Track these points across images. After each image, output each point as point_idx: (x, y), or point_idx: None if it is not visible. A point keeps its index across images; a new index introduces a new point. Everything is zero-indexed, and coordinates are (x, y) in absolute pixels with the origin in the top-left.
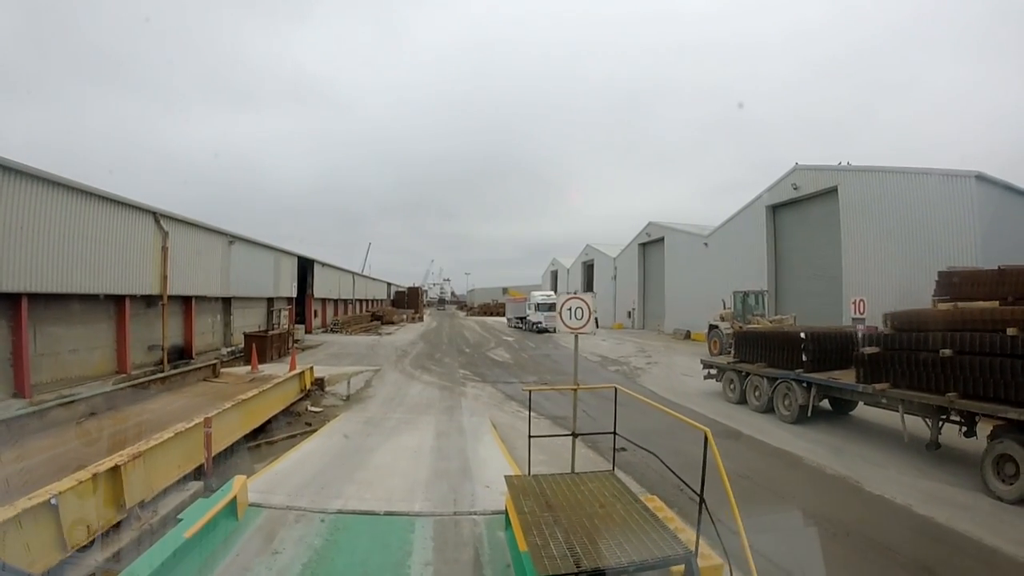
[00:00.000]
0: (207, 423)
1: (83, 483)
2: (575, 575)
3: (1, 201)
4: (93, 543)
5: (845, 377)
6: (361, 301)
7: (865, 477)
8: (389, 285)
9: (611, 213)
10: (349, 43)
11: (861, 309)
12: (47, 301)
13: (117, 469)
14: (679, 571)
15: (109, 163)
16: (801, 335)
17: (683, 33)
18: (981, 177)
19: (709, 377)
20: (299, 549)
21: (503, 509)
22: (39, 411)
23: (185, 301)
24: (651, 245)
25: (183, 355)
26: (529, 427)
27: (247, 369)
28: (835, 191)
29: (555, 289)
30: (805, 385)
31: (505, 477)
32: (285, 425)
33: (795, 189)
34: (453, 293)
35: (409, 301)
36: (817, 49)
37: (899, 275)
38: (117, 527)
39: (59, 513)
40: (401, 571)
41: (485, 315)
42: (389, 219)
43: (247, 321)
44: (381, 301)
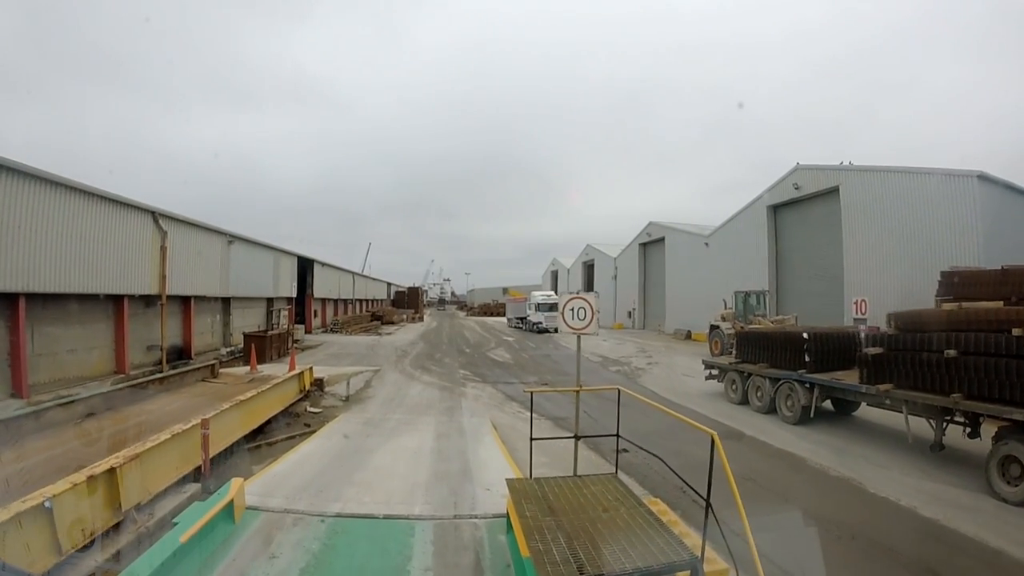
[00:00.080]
0: (204, 425)
1: (78, 485)
2: None
3: None
4: (91, 545)
5: (848, 378)
6: (361, 301)
7: (869, 479)
8: (389, 285)
9: (611, 213)
10: (349, 43)
11: (863, 309)
12: (45, 301)
13: (113, 471)
14: None
15: (109, 163)
16: (804, 335)
17: (683, 33)
18: (983, 177)
19: (711, 378)
20: (297, 553)
21: (504, 512)
22: (36, 411)
23: (184, 301)
24: (652, 245)
25: (182, 355)
26: (531, 429)
27: (246, 369)
28: (836, 191)
29: (555, 289)
30: (808, 386)
31: (506, 480)
32: (284, 426)
33: (796, 189)
34: (453, 293)
35: (409, 301)
36: (817, 49)
37: (901, 275)
38: (114, 530)
39: (53, 516)
40: None
41: (485, 315)
42: (389, 219)
43: (246, 321)
44: (381, 301)
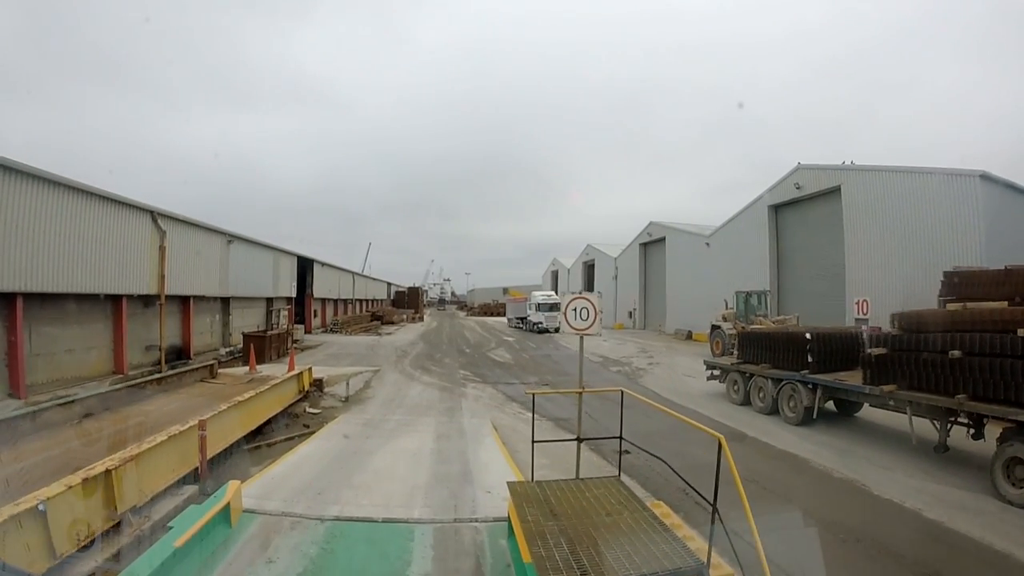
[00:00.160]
0: (202, 426)
1: (73, 487)
2: None
3: None
4: (88, 547)
5: (851, 378)
6: (361, 301)
7: (873, 480)
8: (389, 285)
9: (611, 213)
10: (349, 43)
11: (864, 309)
12: (42, 300)
13: (108, 473)
14: None
15: (109, 163)
16: (807, 336)
17: (683, 33)
18: (985, 176)
19: (712, 378)
20: (294, 558)
21: (505, 516)
22: (34, 412)
23: (183, 301)
24: (652, 245)
25: (181, 355)
26: (533, 431)
27: (245, 370)
28: (838, 190)
29: (555, 289)
30: (811, 386)
31: (507, 483)
32: (283, 427)
33: (798, 188)
34: (453, 293)
35: (409, 301)
36: (817, 49)
37: (902, 275)
38: (110, 533)
39: (47, 519)
40: None
41: (485, 315)
42: (389, 219)
43: (246, 321)
44: (381, 301)
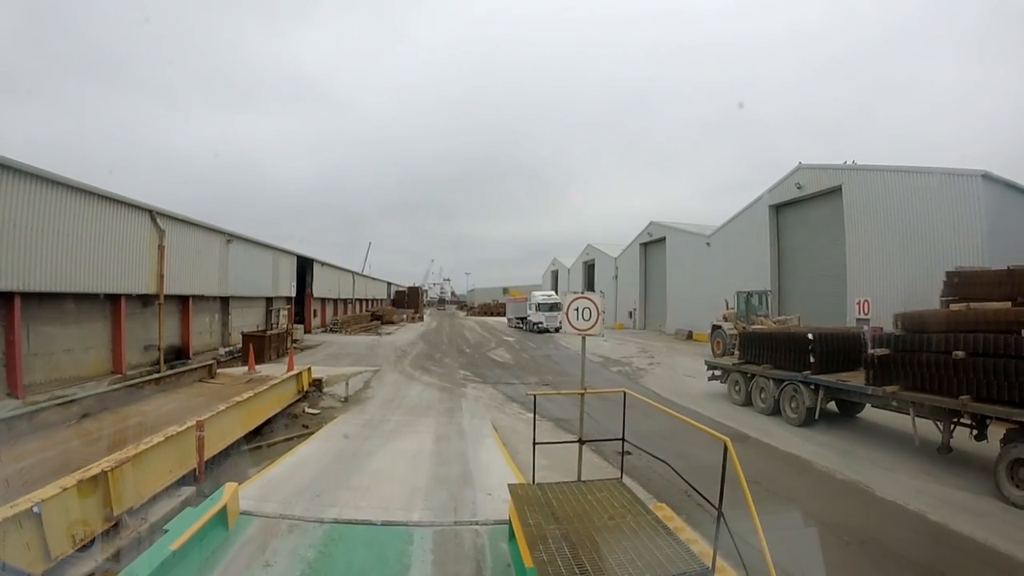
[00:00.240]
0: (199, 427)
1: (68, 489)
2: None
3: None
4: (85, 549)
5: (854, 379)
6: (361, 301)
7: (876, 482)
8: (389, 285)
9: (611, 213)
10: (349, 43)
11: (865, 310)
12: (40, 300)
13: (104, 475)
14: None
15: (109, 163)
16: (809, 336)
17: (683, 33)
18: (987, 176)
19: (714, 379)
20: (291, 561)
21: (506, 519)
22: (31, 412)
23: (182, 300)
24: (652, 245)
25: (180, 355)
26: (534, 433)
27: (244, 370)
28: (839, 190)
29: (556, 289)
30: (813, 387)
31: (508, 486)
32: (282, 427)
33: (799, 188)
34: (453, 293)
35: (409, 301)
36: (817, 49)
37: (904, 275)
38: (106, 535)
39: (42, 522)
40: None
41: (485, 315)
42: (389, 219)
43: (245, 321)
44: (381, 301)
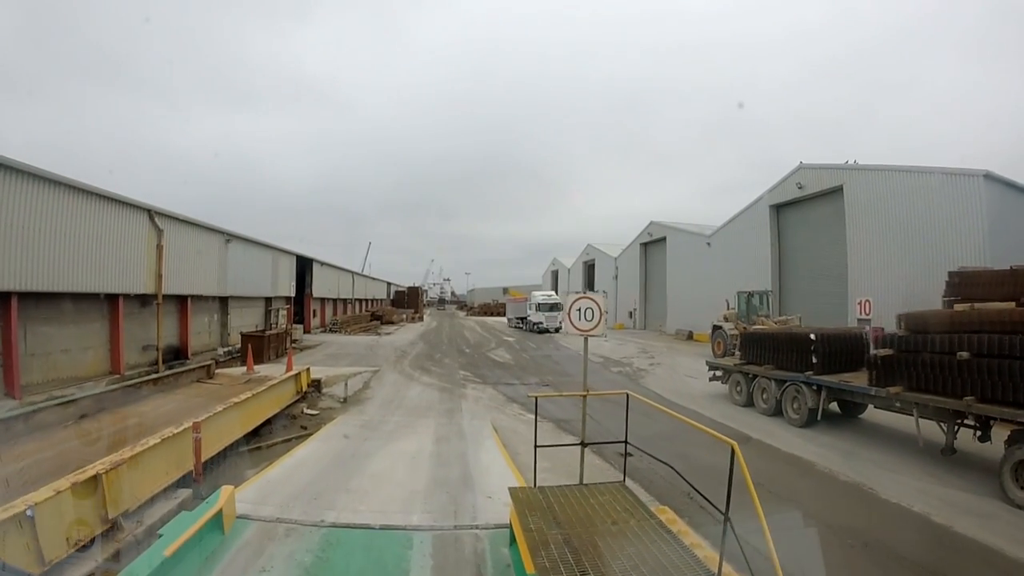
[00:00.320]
0: (196, 428)
1: (62, 492)
2: None
3: None
4: (79, 552)
5: (856, 380)
6: (361, 301)
7: (880, 484)
8: (389, 285)
9: (611, 213)
10: (349, 43)
11: (867, 310)
12: (38, 300)
13: (99, 477)
14: None
15: (109, 163)
16: (811, 336)
17: (683, 33)
18: (989, 176)
19: (715, 379)
20: (288, 567)
21: (507, 523)
22: (28, 413)
23: (181, 300)
24: (653, 245)
25: (178, 355)
26: (535, 436)
27: (243, 370)
28: (840, 190)
29: (556, 289)
30: (815, 388)
31: (509, 489)
32: (281, 428)
33: (800, 188)
34: (453, 293)
35: (409, 301)
36: (817, 49)
37: (905, 275)
38: (101, 538)
39: (35, 525)
40: None
41: (485, 315)
42: (389, 219)
43: (244, 321)
44: (381, 301)
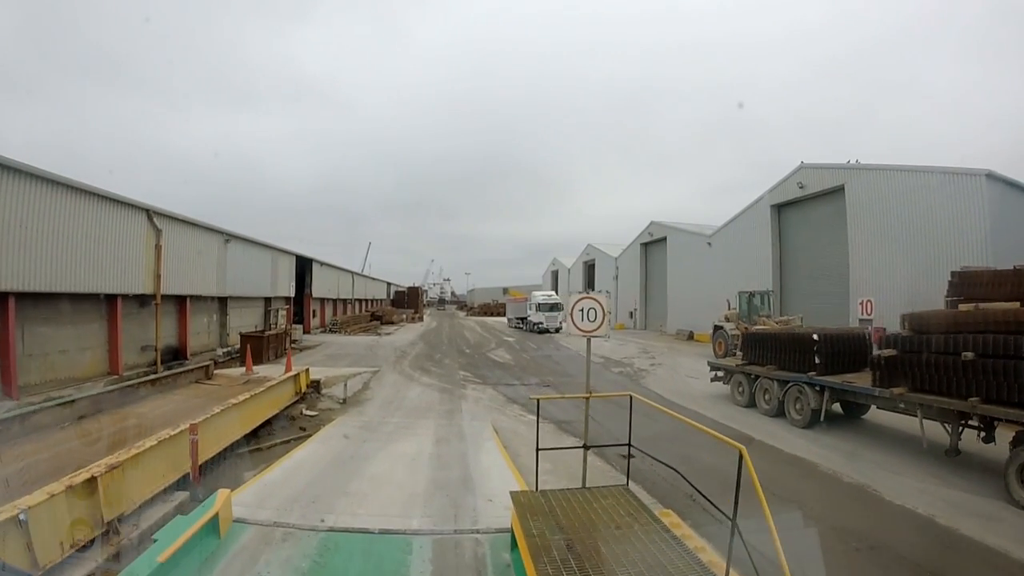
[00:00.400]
0: (193, 430)
1: (56, 496)
2: None
3: None
4: (74, 555)
5: (859, 380)
6: (360, 301)
7: (884, 485)
8: (389, 285)
9: (612, 213)
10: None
11: (868, 310)
12: (35, 300)
13: (94, 480)
14: None
15: (109, 163)
16: (814, 337)
17: (683, 33)
18: (991, 176)
19: (716, 380)
20: (285, 572)
21: (508, 527)
22: (26, 414)
23: (179, 300)
24: (653, 245)
25: (177, 356)
26: (537, 439)
27: (242, 370)
28: (842, 190)
29: (556, 289)
30: (818, 388)
31: (511, 493)
32: (280, 429)
33: (801, 188)
34: (453, 293)
35: (409, 301)
36: (817, 49)
37: (907, 275)
38: (97, 541)
39: (29, 529)
40: None
41: (485, 315)
42: (389, 219)
43: (244, 321)
44: (381, 301)
